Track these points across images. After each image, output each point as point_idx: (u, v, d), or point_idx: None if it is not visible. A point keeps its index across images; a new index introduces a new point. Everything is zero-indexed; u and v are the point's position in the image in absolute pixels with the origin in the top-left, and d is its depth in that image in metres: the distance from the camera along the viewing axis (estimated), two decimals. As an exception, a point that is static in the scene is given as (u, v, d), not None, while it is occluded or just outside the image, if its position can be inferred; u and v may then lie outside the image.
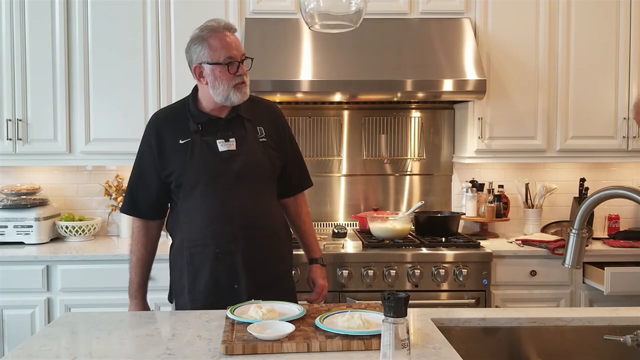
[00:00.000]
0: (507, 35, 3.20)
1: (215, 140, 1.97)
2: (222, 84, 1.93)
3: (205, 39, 1.94)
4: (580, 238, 1.45)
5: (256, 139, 2.02)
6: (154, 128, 2.03)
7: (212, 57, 1.93)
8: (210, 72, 1.94)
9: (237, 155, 1.97)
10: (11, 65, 3.12)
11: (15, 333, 2.86)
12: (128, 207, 2.09)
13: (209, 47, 1.93)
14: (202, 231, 1.95)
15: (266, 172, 2.03)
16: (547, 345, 1.71)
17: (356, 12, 1.72)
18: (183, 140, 1.97)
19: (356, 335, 1.47)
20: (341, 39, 2.83)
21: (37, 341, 1.54)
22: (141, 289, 2.09)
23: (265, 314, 1.60)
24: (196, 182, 1.95)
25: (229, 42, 1.94)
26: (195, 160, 1.95)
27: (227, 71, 1.92)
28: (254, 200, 1.99)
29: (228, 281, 1.95)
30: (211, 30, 1.94)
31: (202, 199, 1.95)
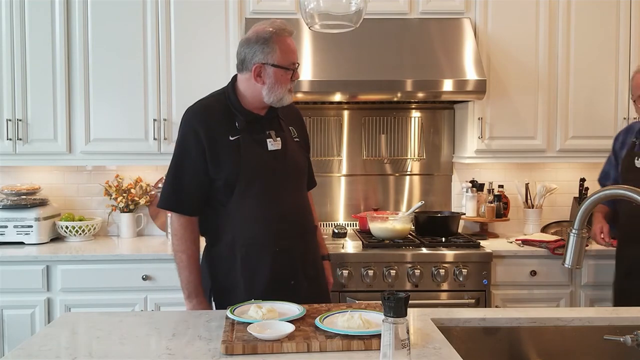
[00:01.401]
0: (507, 35, 3.20)
1: (265, 139, 1.98)
2: (281, 87, 1.95)
3: (275, 41, 1.93)
4: (580, 238, 1.45)
5: (292, 138, 2.08)
6: (200, 121, 1.96)
7: (279, 60, 1.93)
8: (273, 74, 1.94)
9: (285, 154, 2.01)
10: (11, 65, 3.12)
11: (15, 333, 2.86)
12: (173, 204, 2.00)
13: (279, 50, 1.93)
14: (259, 230, 1.97)
15: (304, 171, 2.11)
16: (547, 345, 1.71)
17: (356, 12, 1.73)
18: (233, 137, 1.95)
19: (356, 335, 1.47)
20: (341, 39, 2.83)
21: (37, 341, 1.54)
22: (200, 286, 2.02)
23: (265, 314, 1.60)
24: (251, 181, 1.95)
25: (293, 48, 1.98)
26: (248, 159, 1.94)
27: (288, 77, 1.96)
28: (300, 198, 2.08)
29: (286, 278, 1.99)
30: (279, 34, 1.94)
31: (258, 198, 1.96)
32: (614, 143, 2.71)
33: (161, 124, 3.15)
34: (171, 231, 2.06)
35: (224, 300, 2.03)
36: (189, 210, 2.01)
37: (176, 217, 2.01)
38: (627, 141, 2.60)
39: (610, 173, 2.69)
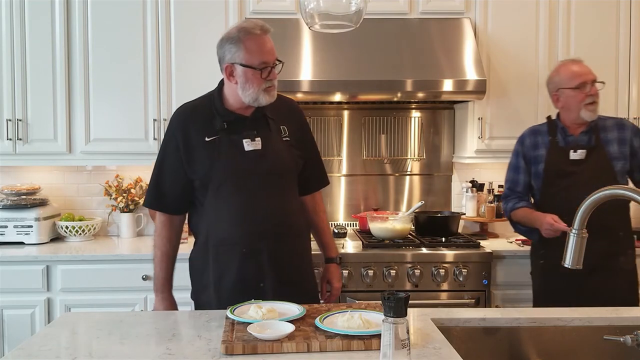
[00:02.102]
0: (507, 35, 3.20)
1: (242, 139, 1.97)
2: (253, 87, 1.93)
3: (242, 40, 1.92)
4: (580, 238, 1.45)
5: (280, 138, 2.03)
6: (180, 122, 2.02)
7: (247, 60, 1.92)
8: (242, 73, 1.93)
9: (263, 155, 1.97)
10: (11, 65, 3.12)
11: (15, 333, 2.86)
12: (153, 201, 2.07)
13: (245, 50, 1.91)
14: (229, 230, 1.96)
15: (290, 171, 2.05)
16: (547, 345, 1.71)
17: (356, 12, 1.73)
18: (209, 137, 1.96)
19: (356, 335, 1.47)
20: (341, 39, 2.84)
21: (37, 341, 1.54)
22: (167, 283, 2.08)
23: (265, 314, 1.60)
24: (223, 181, 1.95)
25: (265, 47, 1.93)
26: (223, 160, 1.95)
27: (259, 76, 1.92)
28: (279, 200, 2.00)
29: (254, 280, 1.96)
30: (248, 32, 1.92)
31: (230, 199, 1.96)
32: (521, 147, 2.60)
33: (161, 124, 3.15)
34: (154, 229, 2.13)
35: (199, 300, 2.05)
36: (168, 209, 2.06)
37: (157, 215, 2.09)
38: (539, 141, 2.54)
39: (520, 179, 2.60)
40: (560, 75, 2.51)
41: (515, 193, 2.61)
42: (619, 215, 2.47)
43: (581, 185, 2.33)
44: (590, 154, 2.45)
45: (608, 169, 2.43)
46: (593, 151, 2.45)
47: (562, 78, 2.50)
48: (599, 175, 2.40)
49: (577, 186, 2.36)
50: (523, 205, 2.57)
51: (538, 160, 2.54)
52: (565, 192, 2.44)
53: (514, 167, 2.64)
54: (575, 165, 2.45)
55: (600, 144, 2.46)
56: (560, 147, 2.49)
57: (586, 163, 2.45)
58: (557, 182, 2.47)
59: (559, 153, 2.49)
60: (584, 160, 2.45)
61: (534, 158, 2.55)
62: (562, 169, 2.47)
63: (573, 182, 2.42)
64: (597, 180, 2.33)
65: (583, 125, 2.49)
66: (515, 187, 2.62)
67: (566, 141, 2.50)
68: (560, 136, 2.52)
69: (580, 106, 2.44)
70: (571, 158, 2.46)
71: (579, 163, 2.45)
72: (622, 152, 2.46)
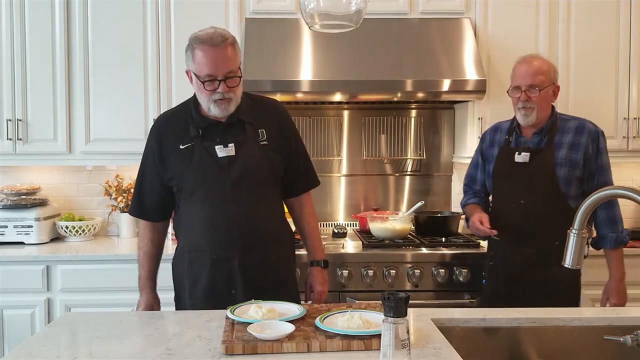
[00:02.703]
0: (507, 35, 3.20)
1: (214, 145, 1.95)
2: (202, 97, 1.93)
3: (192, 49, 1.90)
4: (580, 238, 1.45)
5: (257, 143, 1.98)
6: (156, 132, 2.04)
7: (195, 69, 1.90)
8: (195, 82, 1.94)
9: (236, 161, 1.95)
10: (11, 65, 3.12)
11: (15, 333, 2.86)
12: (135, 210, 2.11)
13: (193, 59, 1.90)
14: (200, 237, 1.96)
15: (266, 176, 2.00)
16: (547, 345, 1.71)
17: (356, 12, 1.73)
18: (184, 145, 1.97)
19: (356, 335, 1.47)
20: (341, 39, 2.84)
21: (37, 341, 1.54)
22: (149, 280, 2.12)
23: (266, 314, 1.60)
24: (195, 188, 1.95)
25: (211, 59, 1.87)
26: (194, 167, 1.95)
27: (204, 88, 1.90)
28: (252, 206, 1.96)
29: (225, 287, 1.94)
30: (199, 42, 1.88)
31: (201, 205, 1.96)
32: (481, 144, 2.57)
33: (161, 124, 3.15)
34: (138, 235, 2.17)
35: (178, 303, 2.07)
36: (150, 216, 2.10)
37: (140, 221, 2.14)
38: (496, 140, 2.48)
39: (477, 176, 2.57)
40: (512, 72, 2.42)
41: (472, 189, 2.58)
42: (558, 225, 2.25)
43: (520, 189, 2.29)
44: (534, 157, 2.32)
45: (549, 175, 2.30)
46: (538, 155, 2.32)
47: (512, 74, 2.41)
48: (539, 180, 2.31)
49: (516, 190, 2.30)
50: (473, 201, 2.53)
51: (490, 160, 2.47)
52: (506, 195, 2.38)
53: (474, 164, 2.60)
54: (517, 169, 2.35)
55: (550, 147, 2.32)
56: (510, 148, 2.40)
57: (528, 167, 2.33)
58: (501, 184, 2.40)
59: (507, 154, 2.40)
60: (527, 164, 2.33)
61: (489, 156, 2.49)
62: (507, 171, 2.38)
63: (513, 186, 2.34)
64: (536, 186, 2.32)
65: (536, 126, 2.36)
66: (472, 184, 2.59)
67: (517, 142, 2.40)
68: (513, 136, 2.42)
69: (515, 108, 2.37)
70: (515, 160, 2.35)
71: (521, 166, 2.34)
72: (572, 158, 2.30)
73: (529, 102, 2.30)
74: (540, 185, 2.32)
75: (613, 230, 2.41)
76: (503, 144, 2.44)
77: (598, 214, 2.40)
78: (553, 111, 2.40)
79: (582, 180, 2.34)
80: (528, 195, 2.31)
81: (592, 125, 2.37)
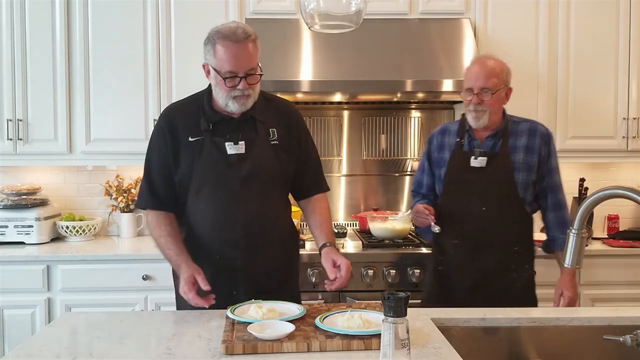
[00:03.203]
0: (507, 35, 3.20)
1: (224, 142, 1.91)
2: (221, 92, 1.88)
3: (214, 43, 1.86)
4: (580, 238, 1.45)
5: (267, 142, 1.95)
6: (167, 120, 1.97)
7: (215, 64, 1.86)
8: (213, 77, 1.90)
9: (245, 159, 1.91)
10: (11, 65, 3.12)
11: (16, 333, 2.86)
12: (147, 202, 1.97)
13: (213, 53, 1.86)
14: (204, 235, 1.93)
15: (274, 176, 1.97)
16: (547, 345, 1.71)
17: (356, 12, 1.73)
18: (193, 138, 1.92)
19: (356, 335, 1.47)
20: (341, 39, 2.83)
21: (37, 341, 1.54)
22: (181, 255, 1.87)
23: (266, 313, 1.60)
24: (202, 184, 1.91)
25: (236, 56, 1.83)
26: (203, 162, 1.90)
27: (224, 84, 1.85)
28: (259, 206, 1.93)
29: (227, 288, 1.89)
30: (221, 37, 1.84)
31: (207, 203, 1.92)
32: (428, 147, 2.45)
33: (161, 124, 3.15)
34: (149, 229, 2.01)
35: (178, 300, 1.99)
36: (164, 206, 1.96)
37: (150, 213, 1.98)
38: (445, 143, 2.38)
39: (424, 181, 2.46)
40: (465, 73, 2.34)
41: (420, 194, 2.48)
42: (517, 230, 2.30)
43: (477, 195, 2.23)
44: (491, 162, 2.25)
45: (508, 180, 2.24)
46: (495, 159, 2.25)
47: (465, 75, 2.33)
48: (497, 186, 2.25)
49: (472, 196, 2.23)
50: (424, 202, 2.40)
51: (441, 164, 2.37)
52: (460, 200, 2.29)
53: (421, 168, 2.49)
54: (474, 173, 2.26)
55: (506, 151, 2.26)
56: (464, 152, 2.30)
57: (485, 172, 2.25)
58: (455, 189, 2.30)
59: (461, 158, 2.30)
60: (483, 169, 2.25)
61: (438, 160, 2.39)
62: (462, 176, 2.29)
63: (469, 191, 2.25)
64: (494, 191, 2.25)
65: (489, 129, 2.29)
66: (420, 188, 2.48)
67: (470, 145, 2.31)
68: (466, 139, 2.32)
69: (466, 111, 2.29)
70: (471, 165, 2.26)
71: (478, 171, 2.26)
72: (528, 162, 2.26)
73: (480, 105, 2.24)
74: (498, 191, 2.25)
75: (563, 232, 2.26)
76: (455, 147, 2.34)
77: (548, 217, 2.35)
78: (504, 114, 2.34)
79: (535, 184, 2.30)
80: (486, 201, 2.24)
81: (543, 128, 2.34)
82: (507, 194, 2.25)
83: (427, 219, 2.27)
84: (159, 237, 1.94)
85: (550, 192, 2.32)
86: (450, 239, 2.31)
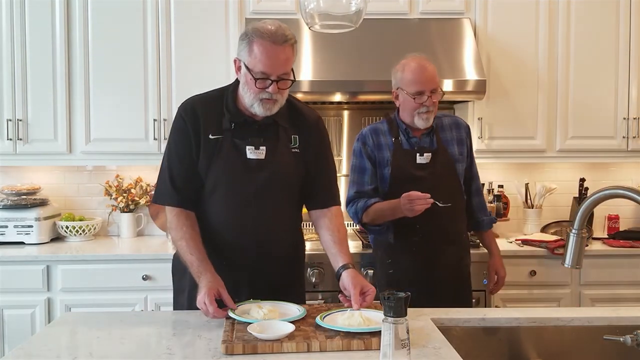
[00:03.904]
0: (507, 35, 3.20)
1: (245, 145, 1.85)
2: (249, 92, 1.81)
3: (251, 41, 1.77)
4: (580, 238, 1.45)
5: (288, 149, 1.90)
6: (192, 112, 1.88)
7: (249, 62, 1.78)
8: (244, 74, 1.82)
9: (265, 165, 1.86)
10: (11, 65, 3.12)
11: (16, 333, 2.86)
12: (168, 197, 1.87)
13: (249, 51, 1.77)
14: (213, 238, 1.87)
15: (292, 185, 1.93)
16: (547, 345, 1.71)
17: (356, 12, 1.73)
18: (213, 135, 1.85)
19: (356, 332, 1.48)
20: (341, 39, 2.83)
21: (37, 341, 1.54)
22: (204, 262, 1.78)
23: (267, 314, 1.60)
24: (217, 185, 1.85)
25: (271, 57, 1.76)
26: (221, 163, 1.84)
27: (254, 85, 1.78)
28: (273, 213, 1.89)
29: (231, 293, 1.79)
30: (260, 36, 1.76)
31: (220, 205, 1.86)
32: (365, 148, 2.42)
33: (161, 124, 3.16)
34: (168, 227, 1.92)
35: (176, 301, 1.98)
36: (181, 202, 1.87)
37: (170, 210, 1.88)
38: (382, 142, 2.39)
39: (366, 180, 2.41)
40: (404, 74, 2.33)
41: (364, 194, 2.42)
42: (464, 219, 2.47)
43: (428, 189, 2.24)
44: (435, 157, 2.35)
45: (452, 171, 2.38)
46: (437, 154, 2.36)
47: (404, 79, 2.33)
48: (444, 178, 2.35)
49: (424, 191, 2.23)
50: (375, 201, 2.36)
51: (383, 164, 2.38)
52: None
53: (359, 169, 2.43)
54: (421, 170, 2.34)
55: (442, 145, 2.38)
56: (405, 150, 2.36)
57: (432, 167, 2.35)
58: (404, 187, 2.27)
59: (404, 156, 2.35)
60: (429, 164, 2.34)
61: (380, 160, 2.39)
62: (409, 173, 2.34)
63: (419, 187, 2.25)
64: (443, 184, 2.34)
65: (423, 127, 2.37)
66: (362, 188, 2.43)
67: (410, 143, 2.37)
68: (403, 138, 2.38)
69: (414, 113, 2.31)
70: (418, 162, 2.34)
71: (425, 167, 2.34)
72: (462, 153, 2.41)
73: (432, 106, 2.31)
74: (446, 184, 2.36)
75: (485, 214, 2.56)
76: (394, 147, 2.37)
77: (473, 201, 2.52)
78: None
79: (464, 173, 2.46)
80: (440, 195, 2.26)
81: (462, 120, 2.52)
82: (454, 184, 2.40)
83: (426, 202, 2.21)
84: (179, 239, 1.84)
85: (473, 180, 2.52)
86: (412, 236, 2.33)
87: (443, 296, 2.25)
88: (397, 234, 2.37)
